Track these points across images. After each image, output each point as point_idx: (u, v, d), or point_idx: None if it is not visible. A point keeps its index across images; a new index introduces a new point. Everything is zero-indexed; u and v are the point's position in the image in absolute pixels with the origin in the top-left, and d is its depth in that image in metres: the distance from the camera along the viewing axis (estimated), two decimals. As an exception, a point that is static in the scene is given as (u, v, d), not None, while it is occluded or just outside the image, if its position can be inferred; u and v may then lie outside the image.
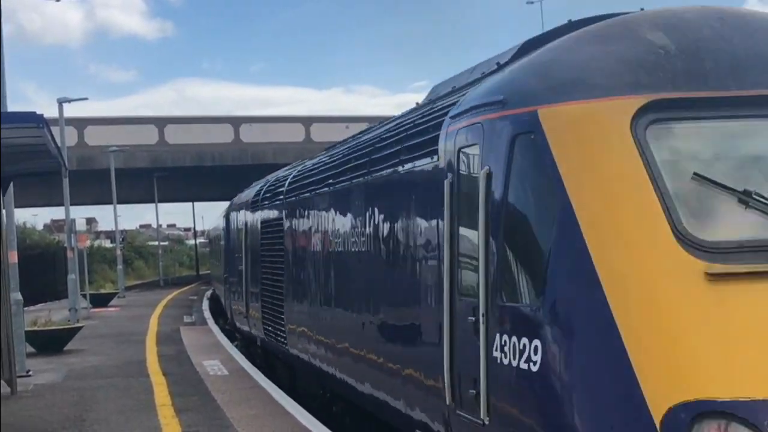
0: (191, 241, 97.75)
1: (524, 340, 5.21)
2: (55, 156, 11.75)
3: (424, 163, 7.20)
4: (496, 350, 5.61)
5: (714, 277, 4.62)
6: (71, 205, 28.20)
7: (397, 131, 8.60)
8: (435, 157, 6.83)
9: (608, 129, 5.10)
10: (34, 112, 9.99)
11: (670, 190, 4.91)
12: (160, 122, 52.40)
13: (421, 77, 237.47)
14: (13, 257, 15.37)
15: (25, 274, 19.28)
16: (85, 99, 31.00)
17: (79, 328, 20.64)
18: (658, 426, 4.35)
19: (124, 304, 35.64)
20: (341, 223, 10.10)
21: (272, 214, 15.07)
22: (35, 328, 19.15)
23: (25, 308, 17.61)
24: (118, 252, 45.66)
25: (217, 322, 24.76)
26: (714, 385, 4.35)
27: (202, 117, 54.55)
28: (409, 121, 8.33)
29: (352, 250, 9.66)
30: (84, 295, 30.30)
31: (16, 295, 15.28)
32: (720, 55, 5.38)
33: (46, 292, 40.54)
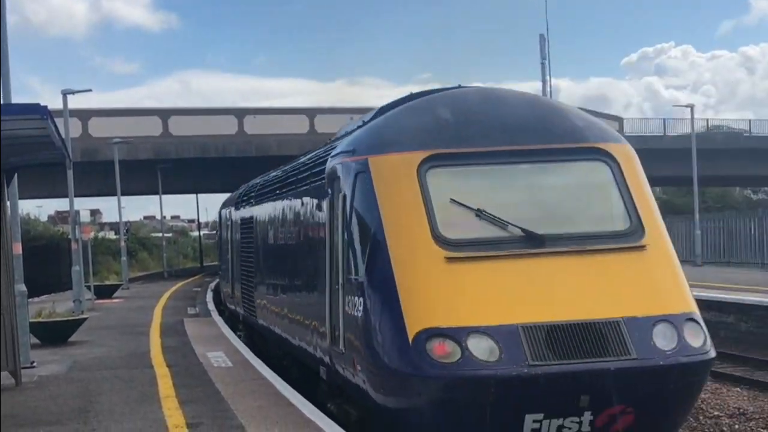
0: (196, 233, 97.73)
1: (357, 298, 8.74)
2: (59, 147, 11.73)
3: (320, 186, 10.70)
4: (347, 306, 9.15)
5: (450, 259, 8.24)
6: (75, 196, 28.16)
7: (308, 163, 12.26)
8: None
9: (404, 171, 8.73)
10: (38, 104, 9.97)
11: (434, 209, 8.51)
12: (164, 114, 52.40)
13: (425, 69, 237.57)
14: (18, 249, 15.36)
15: (30, 266, 19.25)
16: (89, 90, 30.90)
17: (84, 319, 20.60)
18: (410, 342, 7.84)
19: (128, 295, 35.55)
20: (278, 224, 14.13)
21: (246, 213, 18.92)
22: (40, 320, 19.13)
23: (30, 300, 17.62)
24: (122, 243, 45.61)
25: (221, 314, 24.70)
26: (439, 319, 7.84)
27: (205, 108, 54.80)
28: (316, 155, 12.05)
29: (283, 244, 13.75)
30: (88, 287, 30.23)
31: (21, 287, 15.25)
32: (480, 123, 9.02)
33: (50, 284, 40.43)
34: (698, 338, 8.31)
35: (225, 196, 31.66)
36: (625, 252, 8.63)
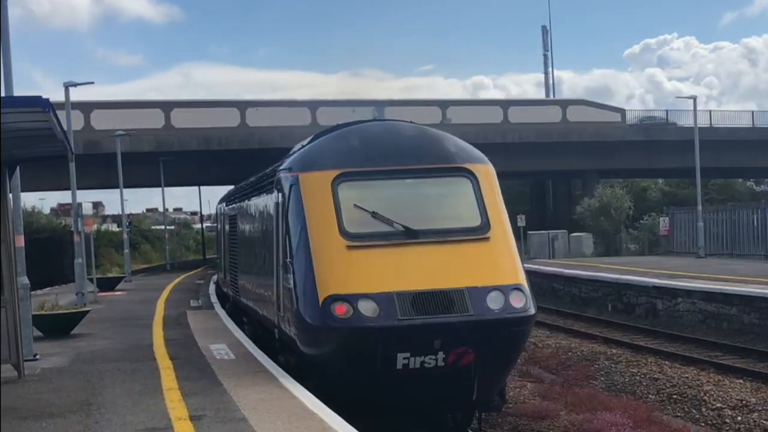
0: (198, 225, 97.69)
1: (289, 275, 12.21)
2: (62, 140, 11.71)
3: (272, 192, 14.34)
4: (284, 281, 12.77)
5: (349, 247, 11.69)
6: (78, 189, 28.10)
7: (268, 174, 15.91)
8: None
9: (322, 185, 12.21)
10: (40, 97, 9.95)
11: (341, 212, 11.99)
12: (167, 106, 52.54)
13: (428, 62, 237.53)
14: (20, 241, 15.33)
15: (33, 258, 19.21)
16: (92, 83, 30.78)
17: (86, 312, 20.56)
18: (320, 305, 11.25)
19: (130, 288, 35.53)
20: (249, 220, 18.26)
21: (231, 211, 22.79)
22: (42, 312, 19.10)
23: (33, 292, 17.62)
24: (125, 236, 45.49)
25: (223, 306, 24.79)
26: (339, 289, 11.30)
27: (208, 101, 54.88)
28: (273, 169, 15.25)
29: (252, 235, 17.70)
30: (91, 279, 30.17)
31: (23, 279, 15.24)
32: (379, 149, 12.57)
33: (53, 276, 40.43)
34: (521, 302, 12.11)
35: (227, 188, 31.61)
36: (474, 242, 12.47)
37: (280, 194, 13.64)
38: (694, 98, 43.97)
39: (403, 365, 11.69)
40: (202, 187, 71.85)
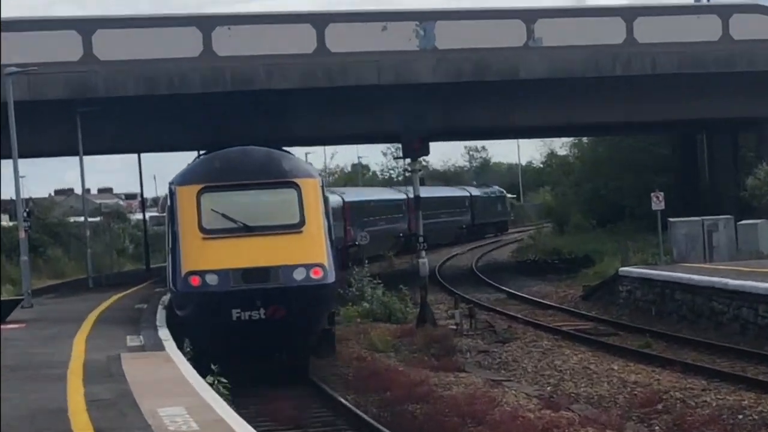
0: (138, 215, 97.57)
1: (170, 258, 30.57)
2: None
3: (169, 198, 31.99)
4: (168, 263, 31.69)
5: (204, 239, 29.39)
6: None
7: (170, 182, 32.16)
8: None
9: (190, 195, 29.92)
10: None
11: (202, 214, 29.59)
12: (87, 27, 52.15)
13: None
14: None
15: None
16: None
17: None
18: (182, 277, 28.86)
19: (32, 317, 33.85)
20: (169, 218, 31.74)
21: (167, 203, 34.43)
22: None
23: None
24: (22, 235, 43.13)
25: (180, 346, 25.43)
26: (195, 266, 28.78)
27: (152, 17, 54.46)
28: (173, 179, 32.08)
29: (164, 232, 37.84)
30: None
31: None
32: (233, 168, 30.31)
33: None
34: (320, 274, 27.91)
35: (185, 158, 34.22)
36: (291, 234, 28.64)
37: (169, 200, 30.21)
38: None
39: (236, 317, 27.55)
40: (144, 156, 70.48)
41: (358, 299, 44.50)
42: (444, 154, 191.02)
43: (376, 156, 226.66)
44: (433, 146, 46.08)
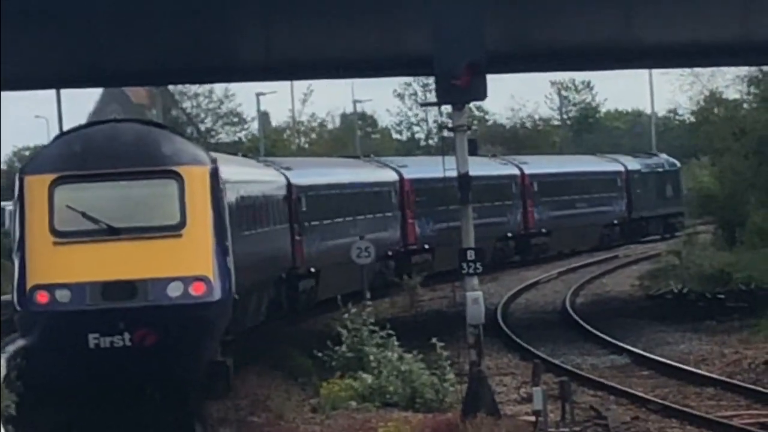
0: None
1: (15, 268, 25.92)
2: None
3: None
4: (14, 276, 26.72)
5: (56, 243, 25.75)
6: None
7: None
8: None
9: (41, 188, 25.92)
10: None
11: (54, 212, 25.57)
12: None
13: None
14: None
15: None
16: None
17: None
18: (26, 293, 25.14)
19: None
20: (18, 216, 29.05)
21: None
22: None
23: None
24: None
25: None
26: (42, 279, 25.33)
27: None
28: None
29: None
30: None
31: None
32: (96, 153, 26.11)
33: None
34: (202, 290, 24.01)
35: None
36: (168, 238, 24.41)
37: (17, 192, 25.99)
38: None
39: (95, 344, 24.00)
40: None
41: (353, 365, 33.44)
42: (515, 97, 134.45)
43: (385, 98, 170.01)
44: (495, 82, 35.95)
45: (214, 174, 25.71)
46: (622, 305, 55.13)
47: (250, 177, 34.65)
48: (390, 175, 57.82)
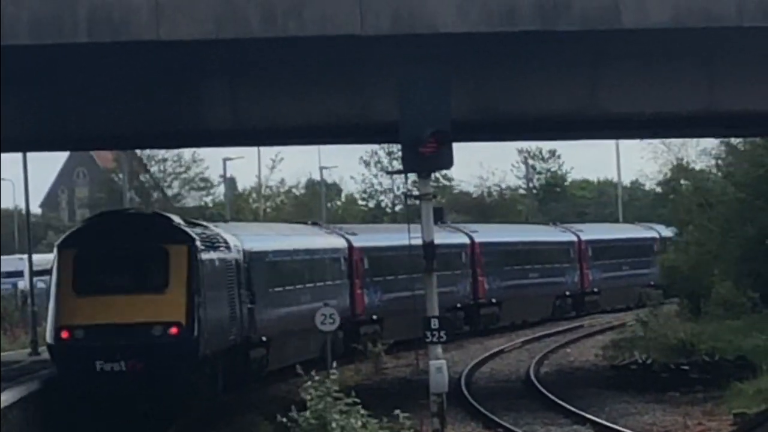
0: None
1: (51, 307, 38.73)
2: None
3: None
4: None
5: (77, 296, 38.45)
6: None
7: None
8: None
9: (69, 257, 39.05)
10: None
11: (77, 274, 38.17)
12: None
13: None
14: None
15: None
16: None
17: None
18: (55, 330, 37.39)
19: None
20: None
21: None
22: None
23: None
24: None
25: None
26: (66, 321, 37.39)
27: None
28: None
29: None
30: None
31: None
32: (108, 233, 38.55)
33: None
34: (177, 332, 34.83)
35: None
36: (156, 294, 35.88)
37: (55, 260, 37.59)
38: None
39: (100, 368, 34.49)
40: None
41: (316, 433, 31.25)
42: (483, 164, 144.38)
43: (349, 165, 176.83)
44: (463, 150, 37.33)
45: (192, 250, 35.73)
46: (586, 375, 54.95)
47: (213, 243, 39.71)
48: (340, 242, 56.66)
